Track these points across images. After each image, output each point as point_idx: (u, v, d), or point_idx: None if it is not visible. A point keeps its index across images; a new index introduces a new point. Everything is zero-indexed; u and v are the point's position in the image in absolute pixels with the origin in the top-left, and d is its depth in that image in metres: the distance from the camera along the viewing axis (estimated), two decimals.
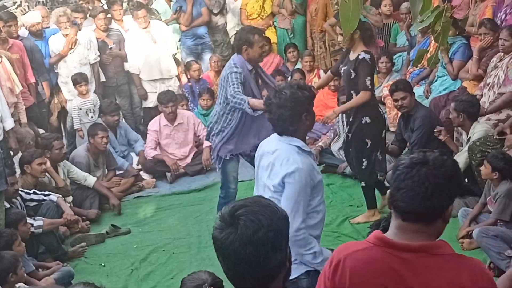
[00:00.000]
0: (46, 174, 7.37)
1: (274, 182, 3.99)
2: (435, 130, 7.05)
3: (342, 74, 6.69)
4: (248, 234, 2.10)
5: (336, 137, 8.64)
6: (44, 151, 7.50)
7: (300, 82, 4.93)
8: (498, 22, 7.91)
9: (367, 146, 6.60)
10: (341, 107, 6.76)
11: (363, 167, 6.67)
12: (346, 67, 6.55)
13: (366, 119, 6.52)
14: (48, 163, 7.38)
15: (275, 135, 4.17)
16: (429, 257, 2.33)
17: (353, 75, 6.43)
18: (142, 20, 9.82)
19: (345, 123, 6.89)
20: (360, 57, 6.33)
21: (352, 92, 6.50)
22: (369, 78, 6.36)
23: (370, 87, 6.39)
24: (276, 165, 4.01)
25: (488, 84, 7.33)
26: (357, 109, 6.51)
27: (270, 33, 11.04)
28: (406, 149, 7.48)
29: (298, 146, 4.02)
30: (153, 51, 9.89)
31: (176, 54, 10.80)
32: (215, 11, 11.13)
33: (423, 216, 2.36)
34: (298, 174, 3.90)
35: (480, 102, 7.27)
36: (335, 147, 8.62)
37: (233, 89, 6.05)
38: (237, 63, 6.15)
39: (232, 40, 11.53)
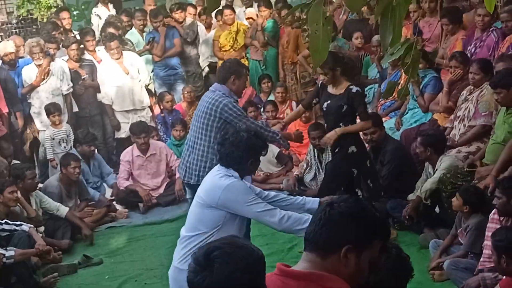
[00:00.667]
0: (18, 204, 7.31)
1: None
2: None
3: (325, 108, 6.60)
4: (224, 277, 2.06)
5: (308, 168, 8.68)
6: (16, 181, 7.44)
7: (258, 131, 5.00)
8: (468, 56, 8.05)
9: (354, 175, 6.61)
10: (343, 129, 6.51)
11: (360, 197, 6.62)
12: (330, 101, 6.51)
13: (353, 148, 6.52)
14: (19, 193, 7.32)
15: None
16: (314, 287, 2.30)
17: (345, 108, 6.42)
18: (114, 51, 9.84)
19: (325, 153, 6.91)
20: (354, 90, 6.35)
21: (341, 125, 6.49)
22: (366, 107, 6.50)
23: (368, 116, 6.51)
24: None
25: (459, 117, 7.43)
26: (344, 138, 6.49)
27: None
28: None
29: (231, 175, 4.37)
30: (126, 82, 9.92)
31: (149, 84, 10.84)
32: (189, 40, 11.19)
33: (316, 246, 2.36)
34: (232, 185, 4.30)
35: (450, 134, 7.38)
36: (307, 178, 8.66)
37: (251, 122, 5.97)
38: (226, 92, 5.98)
39: (205, 71, 11.62)
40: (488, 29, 8.00)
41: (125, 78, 9.92)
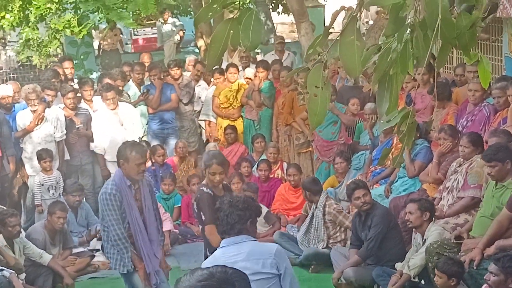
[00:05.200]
0: None
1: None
2: None
3: None
4: None
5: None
6: None
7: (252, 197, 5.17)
8: (460, 129, 8.16)
9: None
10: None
11: None
12: None
13: None
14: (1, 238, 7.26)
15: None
16: None
17: None
18: (110, 101, 9.91)
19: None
20: None
21: None
22: None
23: None
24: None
25: (447, 188, 7.48)
26: None
27: (238, 123, 11.24)
28: None
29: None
30: (120, 133, 9.92)
31: (143, 137, 10.88)
32: (185, 101, 11.33)
33: None
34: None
35: (439, 205, 7.41)
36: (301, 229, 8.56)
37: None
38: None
39: (200, 127, 11.71)
40: (480, 104, 8.14)
41: (119, 129, 9.96)
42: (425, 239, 6.80)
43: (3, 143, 9.13)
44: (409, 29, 2.96)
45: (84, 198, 9.85)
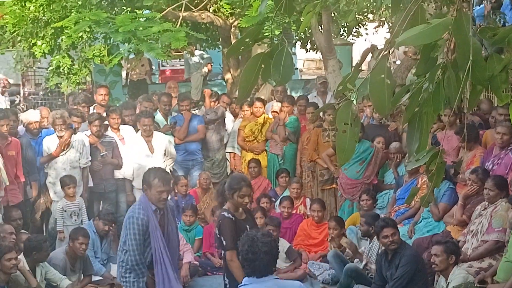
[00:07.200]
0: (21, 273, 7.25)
1: None
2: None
3: None
4: None
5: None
6: (32, 252, 7.48)
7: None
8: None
9: None
10: None
11: None
12: None
13: None
14: (25, 262, 7.28)
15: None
16: None
17: None
18: (147, 127, 9.97)
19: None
20: None
21: None
22: None
23: None
24: None
25: (472, 231, 7.42)
26: None
27: (262, 157, 11.25)
28: None
29: None
30: (150, 161, 9.85)
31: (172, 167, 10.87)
32: (209, 118, 11.29)
33: None
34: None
35: (463, 248, 7.34)
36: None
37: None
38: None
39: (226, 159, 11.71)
40: (507, 147, 8.08)
41: (149, 157, 9.97)
42: (449, 283, 6.71)
43: (27, 168, 9.20)
44: (440, 70, 2.96)
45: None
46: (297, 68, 20.89)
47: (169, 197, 8.91)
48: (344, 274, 8.08)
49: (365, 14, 17.34)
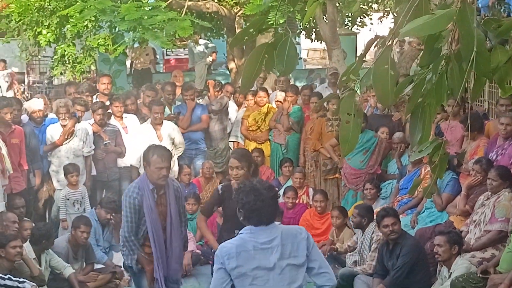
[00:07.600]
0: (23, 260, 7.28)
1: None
2: None
3: None
4: None
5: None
6: (41, 240, 7.61)
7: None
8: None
9: None
10: None
11: None
12: None
13: None
14: (27, 250, 7.32)
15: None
16: None
17: None
18: (158, 115, 9.99)
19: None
20: None
21: None
22: None
23: None
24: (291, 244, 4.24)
25: (475, 221, 7.41)
26: None
27: (265, 146, 11.26)
28: None
29: None
30: None
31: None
32: (214, 108, 11.27)
33: None
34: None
35: (466, 238, 7.33)
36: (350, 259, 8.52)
37: None
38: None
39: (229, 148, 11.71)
40: (511, 138, 8.06)
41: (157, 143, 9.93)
42: (451, 273, 6.72)
43: (30, 156, 9.22)
44: (444, 61, 2.95)
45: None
46: (301, 58, 20.90)
47: (174, 176, 8.99)
48: (340, 279, 8.09)
49: (370, 4, 17.31)
